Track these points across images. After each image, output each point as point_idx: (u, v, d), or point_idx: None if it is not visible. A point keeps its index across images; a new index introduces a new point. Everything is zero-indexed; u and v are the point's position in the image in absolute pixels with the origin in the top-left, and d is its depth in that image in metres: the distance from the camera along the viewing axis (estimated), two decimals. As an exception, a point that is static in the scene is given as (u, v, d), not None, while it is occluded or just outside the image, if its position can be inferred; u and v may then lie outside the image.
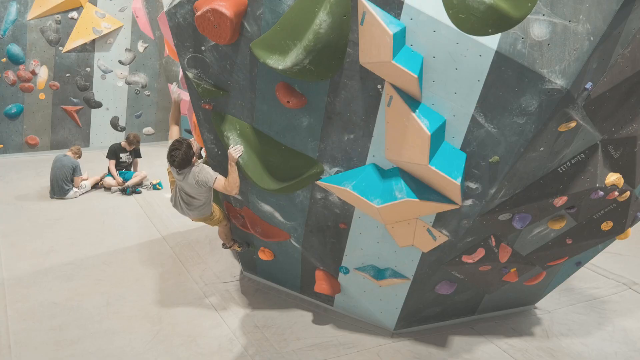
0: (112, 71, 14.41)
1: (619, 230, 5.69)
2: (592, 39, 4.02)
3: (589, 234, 5.63)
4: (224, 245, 7.15)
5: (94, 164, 12.56)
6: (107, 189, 11.56)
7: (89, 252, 8.45)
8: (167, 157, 5.98)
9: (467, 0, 4.02)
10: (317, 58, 4.51)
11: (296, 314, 6.85)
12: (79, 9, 13.53)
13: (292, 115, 5.20)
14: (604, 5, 3.97)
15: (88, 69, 14.09)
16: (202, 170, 5.95)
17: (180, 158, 5.86)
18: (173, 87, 6.42)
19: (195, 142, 6.68)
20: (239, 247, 7.09)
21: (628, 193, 5.31)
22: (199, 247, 8.67)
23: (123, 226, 9.60)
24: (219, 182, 5.86)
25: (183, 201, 6.36)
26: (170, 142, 6.09)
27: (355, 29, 4.44)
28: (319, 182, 5.38)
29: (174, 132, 6.31)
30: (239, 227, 6.66)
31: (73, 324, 6.45)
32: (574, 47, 4.04)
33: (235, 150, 5.57)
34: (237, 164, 5.60)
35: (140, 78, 14.74)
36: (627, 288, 7.81)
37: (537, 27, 4.05)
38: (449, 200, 4.88)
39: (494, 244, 5.46)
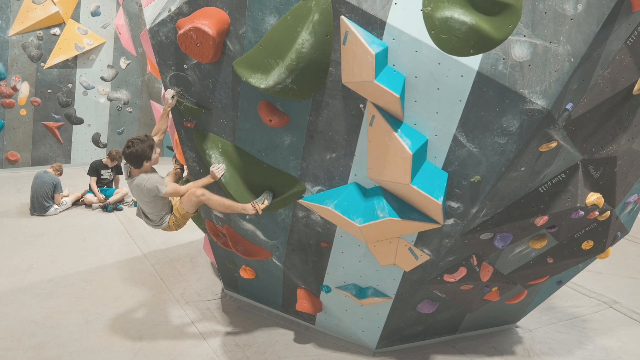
0: (94, 87, 14.35)
1: (599, 249, 5.72)
2: (572, 60, 4.07)
3: (570, 253, 5.65)
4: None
5: (75, 180, 12.46)
6: (88, 205, 11.47)
7: (69, 270, 8.34)
8: (124, 145, 5.49)
9: (449, 21, 4.06)
10: (299, 77, 4.51)
11: (278, 332, 6.79)
12: (61, 25, 13.48)
13: (274, 133, 5.19)
14: (584, 27, 4.02)
15: (70, 85, 14.01)
16: (152, 178, 5.49)
17: (135, 150, 5.37)
18: (168, 92, 5.36)
19: (177, 165, 6.51)
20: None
21: (608, 213, 5.35)
22: (180, 265, 8.59)
23: (104, 243, 9.49)
24: (170, 188, 5.51)
25: (142, 211, 5.88)
26: None
27: (337, 48, 4.46)
28: (301, 201, 5.37)
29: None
30: (220, 245, 6.61)
31: (52, 343, 6.34)
32: (554, 68, 4.08)
33: (218, 169, 5.50)
34: (218, 182, 5.55)
35: (123, 94, 14.68)
36: (608, 307, 7.84)
37: (518, 48, 4.09)
38: (431, 220, 4.88)
39: (475, 263, 5.47)
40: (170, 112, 5.50)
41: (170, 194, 5.62)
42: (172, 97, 5.32)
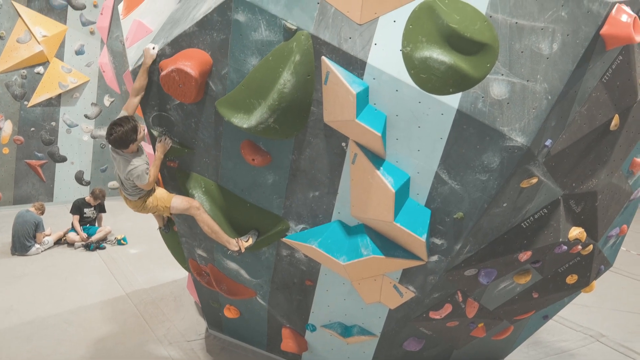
0: (77, 125, 14.33)
1: (583, 283, 5.74)
2: (549, 97, 4.12)
3: (555, 287, 5.66)
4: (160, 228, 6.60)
5: (58, 219, 12.33)
6: (71, 244, 11.33)
7: (50, 311, 8.21)
8: (106, 131, 5.26)
9: (428, 60, 4.11)
10: (281, 117, 4.54)
11: (263, 373, 6.71)
12: (45, 64, 13.51)
13: (257, 172, 5.19)
14: (560, 66, 4.09)
15: (53, 123, 13.98)
16: (139, 168, 5.23)
17: (118, 136, 5.13)
18: (150, 45, 5.01)
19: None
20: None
21: (591, 247, 5.38)
22: (163, 305, 8.48)
23: (86, 283, 9.36)
24: (149, 183, 5.30)
25: (119, 178, 5.55)
26: (121, 114, 5.32)
27: (319, 88, 4.49)
28: (284, 240, 5.35)
29: (132, 105, 5.28)
30: (204, 284, 6.55)
31: (31, 388, 6.22)
32: (532, 105, 4.13)
33: (167, 142, 5.30)
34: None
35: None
36: (595, 340, 7.83)
37: (497, 87, 4.14)
38: (415, 257, 4.87)
39: (460, 299, 5.45)
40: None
41: (147, 187, 5.37)
42: (153, 48, 5.03)
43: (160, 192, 5.56)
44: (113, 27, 7.26)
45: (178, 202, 5.45)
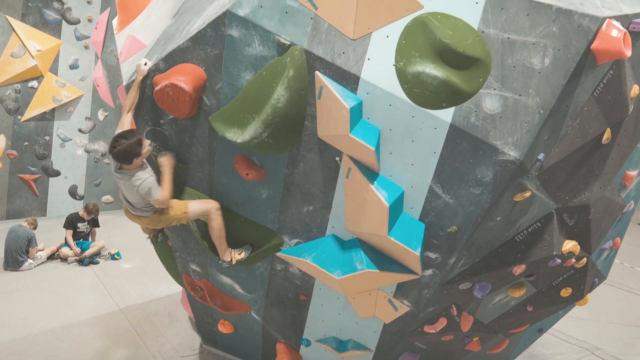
0: (71, 139, 14.30)
1: (578, 296, 5.75)
2: (542, 111, 4.15)
3: (549, 300, 5.67)
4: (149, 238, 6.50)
5: (51, 233, 12.27)
6: (64, 259, 11.27)
7: (43, 327, 8.15)
8: (110, 144, 5.01)
9: (421, 75, 4.13)
10: (275, 131, 4.54)
11: (257, 388, 6.66)
12: (39, 78, 13.50)
13: (251, 187, 5.19)
14: (552, 80, 4.11)
15: (47, 138, 13.95)
16: (146, 182, 5.01)
17: (122, 149, 4.89)
18: (142, 61, 4.96)
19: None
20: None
21: (585, 260, 5.39)
22: (157, 320, 8.44)
23: (79, 298, 9.31)
24: (163, 197, 5.08)
25: (126, 200, 5.34)
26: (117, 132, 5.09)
27: (313, 102, 4.51)
28: (279, 254, 5.34)
29: (125, 123, 5.09)
30: (198, 299, 6.52)
31: (23, 406, 6.16)
32: (525, 119, 4.15)
33: (168, 158, 5.18)
34: (193, 234, 5.47)
35: (100, 146, 14.64)
36: (590, 354, 7.82)
37: (489, 101, 4.16)
38: (409, 271, 4.87)
39: (455, 313, 5.45)
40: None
41: (164, 205, 5.16)
42: (145, 64, 4.97)
43: (173, 200, 5.35)
44: (107, 41, 7.28)
45: (196, 205, 5.29)
